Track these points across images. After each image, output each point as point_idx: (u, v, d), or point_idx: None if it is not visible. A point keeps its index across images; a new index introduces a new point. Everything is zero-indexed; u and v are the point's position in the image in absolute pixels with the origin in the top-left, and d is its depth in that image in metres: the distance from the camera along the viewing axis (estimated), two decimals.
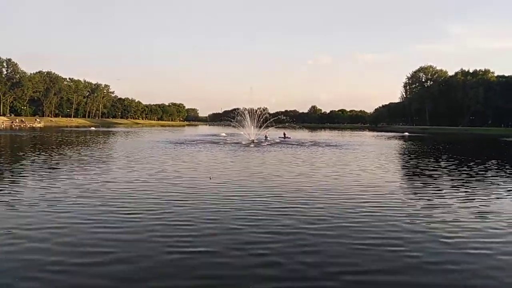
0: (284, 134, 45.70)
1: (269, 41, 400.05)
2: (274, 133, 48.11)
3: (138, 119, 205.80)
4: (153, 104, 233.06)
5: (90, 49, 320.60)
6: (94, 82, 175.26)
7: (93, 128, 79.11)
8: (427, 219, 8.01)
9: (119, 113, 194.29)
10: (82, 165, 16.32)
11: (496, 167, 18.05)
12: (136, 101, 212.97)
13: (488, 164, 19.46)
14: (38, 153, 21.49)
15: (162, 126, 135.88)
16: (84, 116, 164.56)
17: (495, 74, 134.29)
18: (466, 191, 11.54)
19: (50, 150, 23.36)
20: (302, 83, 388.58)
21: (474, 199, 10.29)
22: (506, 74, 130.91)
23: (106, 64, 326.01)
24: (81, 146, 27.36)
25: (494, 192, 11.46)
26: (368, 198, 10.04)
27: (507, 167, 18.42)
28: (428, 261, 5.64)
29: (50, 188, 10.82)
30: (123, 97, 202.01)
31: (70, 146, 27.06)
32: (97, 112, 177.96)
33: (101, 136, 44.96)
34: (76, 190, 10.57)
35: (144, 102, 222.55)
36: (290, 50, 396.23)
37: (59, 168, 15.17)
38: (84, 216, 7.77)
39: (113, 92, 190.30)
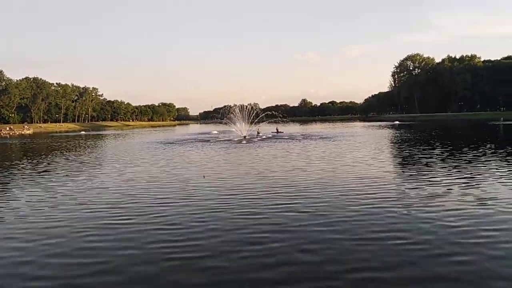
0: (277, 129, 45.73)
1: (257, 38, 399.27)
2: (266, 128, 48.06)
3: (128, 121, 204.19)
4: (143, 105, 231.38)
5: (78, 53, 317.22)
6: (82, 85, 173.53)
7: (83, 132, 78.39)
8: (428, 209, 7.89)
9: (109, 116, 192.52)
10: (72, 171, 16.09)
11: (489, 151, 18.16)
12: (126, 103, 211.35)
13: (481, 148, 19.58)
14: (27, 160, 21.17)
15: (152, 127, 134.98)
16: (73, 121, 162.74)
17: (482, 59, 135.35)
18: (463, 178, 11.49)
19: (39, 157, 23.01)
20: (292, 77, 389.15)
21: (472, 186, 10.23)
22: (493, 59, 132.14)
23: (94, 67, 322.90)
24: (70, 152, 27.00)
25: (490, 177, 11.42)
26: (366, 190, 9.91)
27: (498, 150, 18.54)
28: (431, 253, 5.55)
29: (39, 197, 10.60)
30: (112, 100, 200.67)
31: (60, 152, 26.69)
32: (87, 116, 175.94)
33: (91, 140, 44.50)
34: (66, 197, 10.35)
35: (134, 104, 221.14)
36: (279, 45, 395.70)
37: (48, 176, 14.93)
38: (74, 225, 7.53)
39: (102, 95, 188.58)
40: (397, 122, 79.31)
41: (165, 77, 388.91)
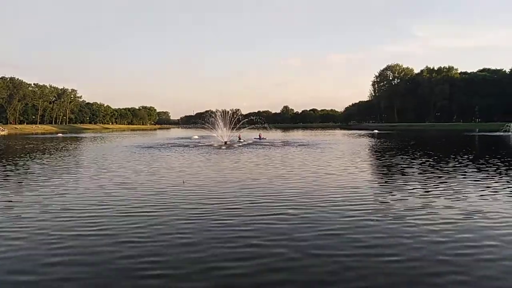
0: (260, 135, 45.73)
1: (239, 44, 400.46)
2: (248, 134, 47.90)
3: (108, 124, 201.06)
4: (123, 108, 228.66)
5: (57, 53, 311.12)
6: (60, 87, 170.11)
7: (60, 135, 76.47)
8: (414, 221, 7.68)
9: (88, 118, 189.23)
10: (43, 175, 15.41)
11: (468, 162, 18.34)
12: (105, 105, 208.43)
13: (460, 159, 19.82)
14: None
15: (132, 130, 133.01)
16: (50, 123, 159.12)
17: (459, 71, 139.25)
18: (444, 189, 11.45)
19: (11, 159, 22.14)
20: (274, 84, 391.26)
21: (454, 197, 10.18)
22: (469, 71, 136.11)
23: (73, 68, 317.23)
24: (44, 154, 26.06)
25: (474, 188, 11.42)
26: (349, 202, 9.61)
27: (477, 161, 18.75)
28: (419, 271, 5.39)
29: (3, 202, 10.04)
30: (91, 102, 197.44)
31: (33, 155, 25.72)
32: (64, 118, 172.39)
33: (68, 143, 43.35)
34: (33, 204, 9.76)
35: (113, 106, 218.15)
36: (261, 52, 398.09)
37: (17, 179, 14.28)
38: (38, 236, 7.00)
39: (80, 97, 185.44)
40: (376, 130, 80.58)
41: (147, 80, 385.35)
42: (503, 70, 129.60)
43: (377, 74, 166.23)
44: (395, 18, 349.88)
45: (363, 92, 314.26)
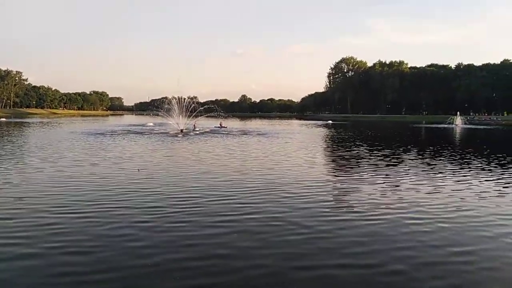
0: (221, 123, 45.48)
1: (198, 30, 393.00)
2: (205, 123, 47.25)
3: (56, 108, 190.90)
4: (73, 93, 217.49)
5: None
6: (3, 68, 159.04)
7: (3, 119, 71.59)
8: (391, 221, 7.11)
9: (34, 103, 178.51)
10: None
11: (426, 153, 18.61)
12: (53, 89, 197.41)
13: (418, 149, 20.27)
14: None
15: (82, 116, 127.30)
16: None
17: (409, 66, 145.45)
18: (417, 181, 11.31)
19: None
20: (233, 73, 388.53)
21: (422, 189, 10.04)
22: (418, 66, 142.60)
23: (17, 49, 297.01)
24: None
25: (439, 179, 11.47)
26: (321, 199, 8.87)
27: (432, 152, 18.98)
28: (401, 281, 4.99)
29: None
30: (38, 85, 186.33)
31: None
32: (8, 101, 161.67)
33: (11, 128, 40.58)
34: None
35: (62, 91, 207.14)
36: (220, 40, 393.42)
37: None
38: None
39: (26, 80, 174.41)
40: (330, 121, 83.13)
41: (98, 64, 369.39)
42: (449, 65, 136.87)
43: (332, 67, 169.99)
44: (353, 11, 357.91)
45: (320, 83, 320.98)
